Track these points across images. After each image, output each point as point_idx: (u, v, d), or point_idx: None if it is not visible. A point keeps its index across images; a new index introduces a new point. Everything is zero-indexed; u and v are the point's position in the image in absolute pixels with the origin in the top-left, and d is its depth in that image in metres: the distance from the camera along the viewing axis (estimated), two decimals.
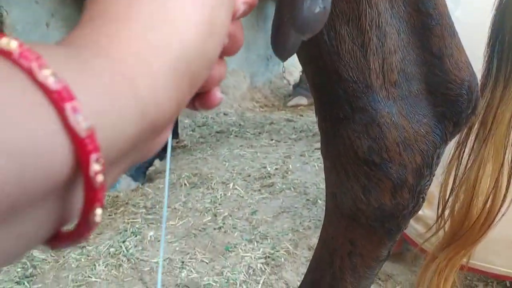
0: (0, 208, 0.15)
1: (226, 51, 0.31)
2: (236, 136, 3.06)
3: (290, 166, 2.41)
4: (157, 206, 1.97)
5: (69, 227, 0.20)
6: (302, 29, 0.38)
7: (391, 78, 0.67)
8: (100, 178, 0.19)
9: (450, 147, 0.77)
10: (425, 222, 1.24)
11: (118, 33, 0.23)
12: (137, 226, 1.76)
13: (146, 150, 0.26)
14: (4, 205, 0.16)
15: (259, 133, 3.15)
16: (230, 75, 4.24)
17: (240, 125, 3.37)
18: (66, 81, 0.18)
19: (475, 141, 0.75)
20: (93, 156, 0.18)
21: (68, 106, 0.17)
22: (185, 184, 2.18)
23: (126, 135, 0.21)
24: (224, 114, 3.67)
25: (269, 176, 2.26)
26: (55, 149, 0.17)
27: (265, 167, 2.38)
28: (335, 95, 0.67)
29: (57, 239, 0.20)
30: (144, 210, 1.93)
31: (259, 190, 2.10)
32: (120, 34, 0.23)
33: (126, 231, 1.71)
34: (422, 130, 0.68)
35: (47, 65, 0.18)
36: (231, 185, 2.15)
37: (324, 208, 0.76)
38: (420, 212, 1.25)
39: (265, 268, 1.44)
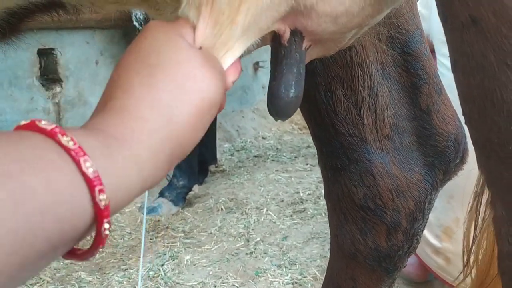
0: (49, 249, 0.27)
1: None
2: (272, 160, 3.15)
3: (323, 191, 2.46)
4: (195, 231, 2.09)
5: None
6: (278, 114, 0.47)
7: (383, 132, 0.74)
8: (106, 232, 0.30)
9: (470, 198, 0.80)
10: (444, 255, 1.28)
11: (135, 128, 0.34)
12: (175, 250, 1.88)
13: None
14: (50, 247, 0.27)
15: (295, 157, 3.23)
16: None
17: (277, 148, 3.47)
18: (98, 171, 0.29)
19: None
20: (105, 220, 0.30)
21: (97, 189, 0.29)
22: (221, 209, 2.29)
23: (130, 198, 0.33)
24: (263, 137, 3.77)
25: (302, 202, 2.32)
26: (85, 215, 0.29)
27: (298, 192, 2.45)
28: (333, 147, 0.76)
29: (70, 254, 0.32)
30: (182, 234, 2.05)
31: (291, 215, 2.17)
32: (136, 129, 0.34)
33: (165, 254, 1.84)
34: (414, 178, 0.75)
35: (89, 160, 0.29)
36: (264, 210, 2.24)
37: None
38: (439, 245, 1.30)
39: None
